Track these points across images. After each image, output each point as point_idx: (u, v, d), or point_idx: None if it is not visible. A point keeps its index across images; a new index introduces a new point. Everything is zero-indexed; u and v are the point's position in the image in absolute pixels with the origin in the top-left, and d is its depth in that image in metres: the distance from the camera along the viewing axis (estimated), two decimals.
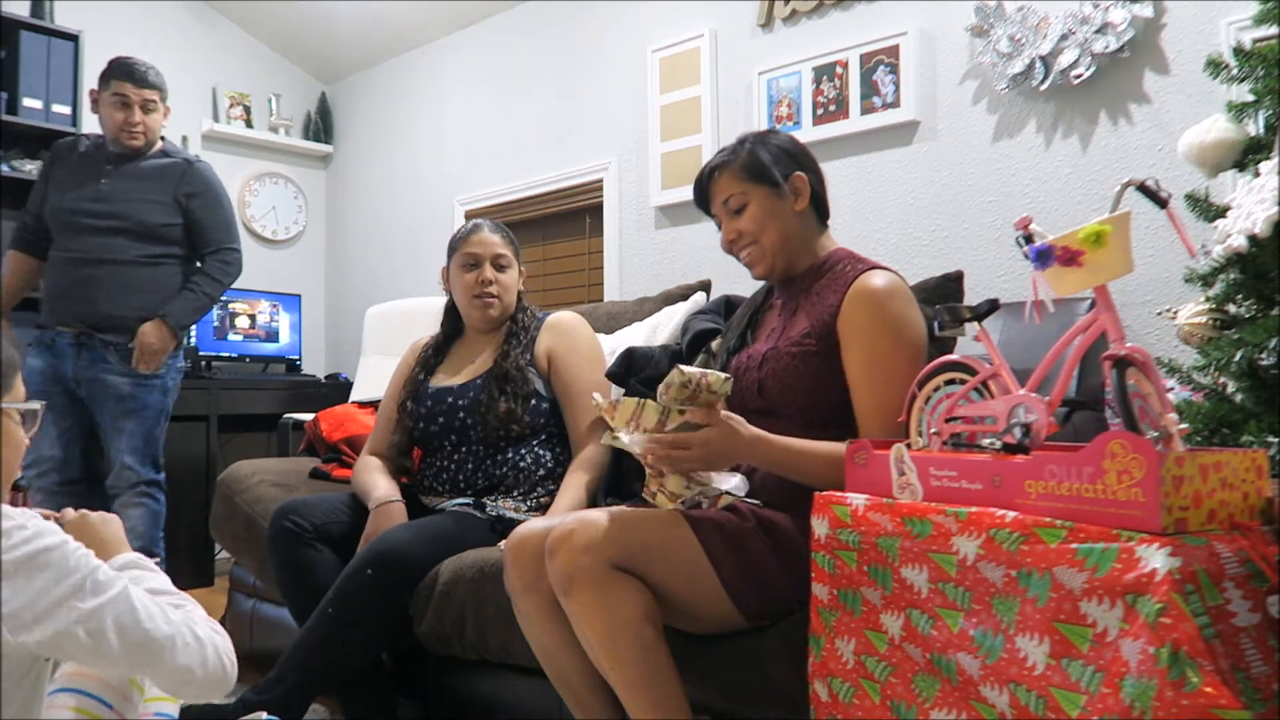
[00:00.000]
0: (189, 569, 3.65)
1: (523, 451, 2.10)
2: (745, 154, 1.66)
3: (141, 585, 1.20)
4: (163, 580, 1.28)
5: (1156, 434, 1.08)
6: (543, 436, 2.13)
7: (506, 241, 2.24)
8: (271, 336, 4.28)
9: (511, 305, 2.24)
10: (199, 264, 2.91)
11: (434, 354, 2.29)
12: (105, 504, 2.73)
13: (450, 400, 2.13)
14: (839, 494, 1.31)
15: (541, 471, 2.10)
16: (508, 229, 2.29)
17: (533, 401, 2.10)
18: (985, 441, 1.25)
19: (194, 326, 3.97)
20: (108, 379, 2.74)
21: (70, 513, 1.33)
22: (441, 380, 2.20)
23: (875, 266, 1.60)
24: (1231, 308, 1.42)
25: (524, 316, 2.23)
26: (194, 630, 1.18)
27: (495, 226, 2.26)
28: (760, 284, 1.82)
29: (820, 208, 1.70)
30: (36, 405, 1.22)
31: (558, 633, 1.52)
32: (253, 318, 4.21)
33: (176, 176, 2.86)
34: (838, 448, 1.44)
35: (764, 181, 1.64)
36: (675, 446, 1.40)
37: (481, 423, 2.07)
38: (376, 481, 2.10)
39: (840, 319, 1.55)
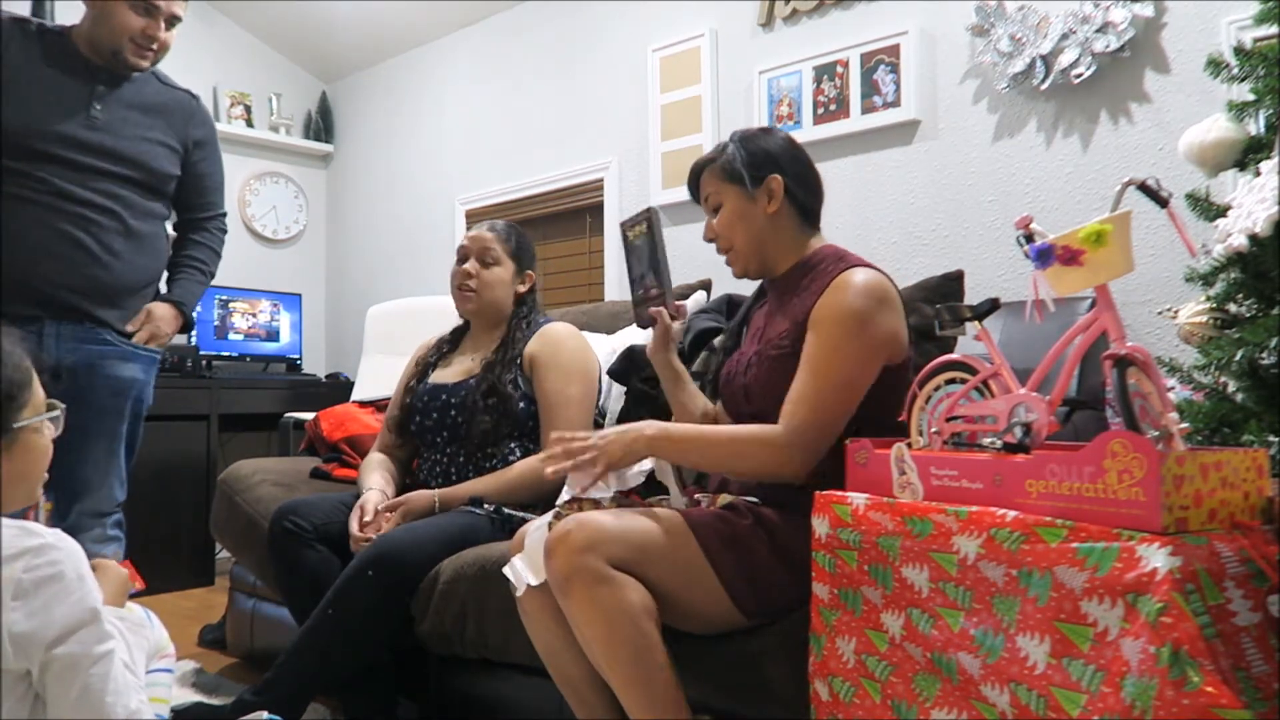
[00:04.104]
0: (189, 569, 3.65)
1: (513, 445, 2.12)
2: (725, 154, 1.67)
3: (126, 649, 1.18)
4: (152, 641, 1.26)
5: (1157, 433, 1.08)
6: (534, 435, 2.15)
7: (501, 239, 2.23)
8: (272, 336, 4.28)
9: (496, 301, 2.22)
10: (193, 233, 2.28)
11: (439, 351, 2.31)
12: None
13: (444, 398, 2.15)
14: (839, 493, 1.31)
15: None
16: (517, 231, 2.28)
17: (521, 405, 2.12)
18: (986, 441, 1.25)
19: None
20: (109, 365, 2.04)
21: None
22: (438, 377, 2.23)
23: (859, 265, 1.56)
24: (1232, 307, 1.42)
25: (524, 323, 2.22)
26: None
27: (495, 225, 2.26)
28: (756, 282, 1.82)
29: (803, 209, 1.66)
30: (59, 409, 1.20)
31: (560, 632, 1.52)
32: (253, 317, 4.21)
33: (185, 115, 2.19)
34: (744, 429, 1.50)
35: (736, 182, 1.64)
36: (576, 439, 1.53)
37: (467, 427, 2.10)
38: (371, 480, 2.14)
39: (810, 316, 1.53)
